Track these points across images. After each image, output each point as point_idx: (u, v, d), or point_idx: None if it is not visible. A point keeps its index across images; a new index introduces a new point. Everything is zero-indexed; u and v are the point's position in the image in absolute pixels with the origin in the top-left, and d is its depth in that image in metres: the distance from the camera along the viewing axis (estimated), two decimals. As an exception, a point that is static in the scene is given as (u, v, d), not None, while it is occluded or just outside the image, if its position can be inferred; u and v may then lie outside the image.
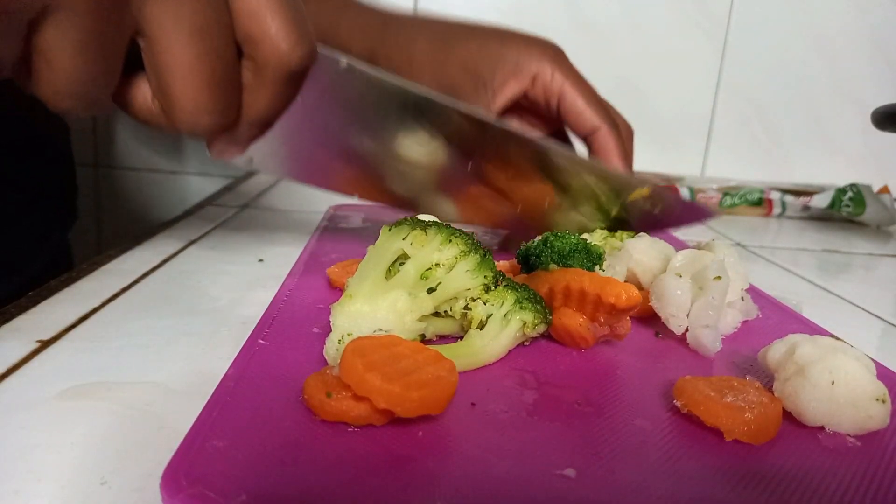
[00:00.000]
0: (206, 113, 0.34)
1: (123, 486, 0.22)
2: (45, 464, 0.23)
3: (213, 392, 0.26)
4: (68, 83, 0.31)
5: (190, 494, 0.19)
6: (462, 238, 0.31)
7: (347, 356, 0.24)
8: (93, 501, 0.21)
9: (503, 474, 0.22)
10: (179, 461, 0.21)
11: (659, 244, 0.41)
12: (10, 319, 0.35)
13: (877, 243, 0.78)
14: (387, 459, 0.22)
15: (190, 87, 0.33)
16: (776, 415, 0.26)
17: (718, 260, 0.35)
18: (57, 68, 0.30)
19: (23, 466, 0.22)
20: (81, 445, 0.24)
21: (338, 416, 0.24)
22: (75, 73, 0.30)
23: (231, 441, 0.22)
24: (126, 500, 0.21)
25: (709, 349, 0.34)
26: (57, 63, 0.30)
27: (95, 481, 0.22)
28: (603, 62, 0.99)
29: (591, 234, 0.46)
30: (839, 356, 0.27)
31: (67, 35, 0.29)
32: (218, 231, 0.58)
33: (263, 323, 0.34)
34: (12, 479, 0.22)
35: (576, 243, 0.36)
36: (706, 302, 0.34)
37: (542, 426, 0.26)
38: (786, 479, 0.23)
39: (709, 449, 0.25)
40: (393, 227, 0.31)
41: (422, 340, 0.32)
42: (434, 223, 0.31)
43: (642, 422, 0.27)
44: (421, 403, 0.24)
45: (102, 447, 0.24)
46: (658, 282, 0.36)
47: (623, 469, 0.23)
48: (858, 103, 1.01)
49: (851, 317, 0.47)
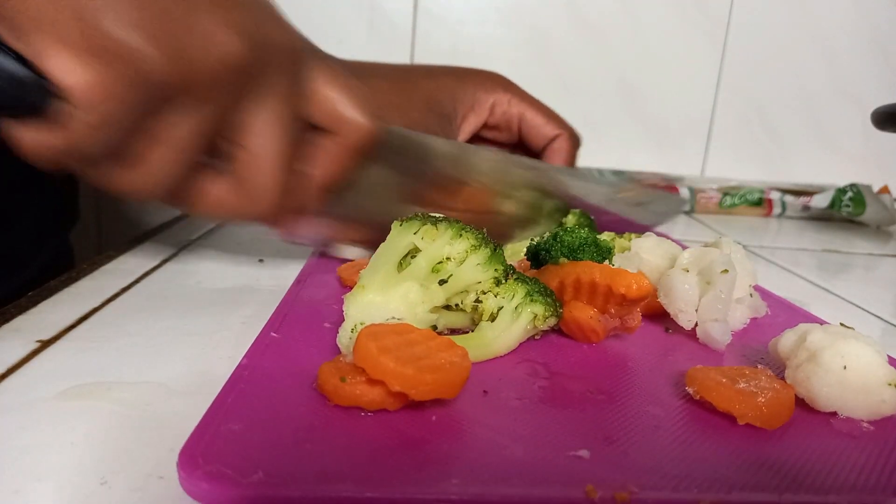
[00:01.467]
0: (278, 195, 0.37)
1: (124, 485, 0.21)
2: (45, 464, 0.22)
3: (225, 382, 0.26)
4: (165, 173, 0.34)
5: (207, 472, 0.20)
6: (473, 233, 0.31)
7: (362, 340, 0.24)
8: (93, 501, 0.21)
9: (517, 455, 0.22)
10: (196, 442, 0.21)
11: (665, 243, 0.41)
12: (10, 319, 0.35)
13: (877, 243, 0.78)
14: (401, 441, 0.23)
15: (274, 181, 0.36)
16: (789, 399, 0.26)
17: (725, 254, 0.35)
18: (161, 158, 0.33)
19: (23, 466, 0.22)
20: (81, 445, 0.24)
21: (351, 400, 0.24)
22: (175, 166, 0.34)
23: (246, 424, 0.23)
24: (126, 500, 0.21)
25: (719, 342, 0.34)
26: (167, 152, 0.33)
27: (95, 481, 0.22)
28: (603, 62, 0.99)
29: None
30: (851, 342, 0.27)
31: (186, 126, 0.33)
32: (218, 231, 0.58)
33: (275, 318, 0.34)
34: (12, 479, 0.22)
35: (585, 237, 0.36)
36: (714, 296, 0.34)
37: (555, 412, 0.26)
38: (798, 463, 0.23)
39: (721, 433, 0.25)
40: (404, 221, 0.31)
41: None
42: (444, 218, 0.31)
43: (655, 408, 0.27)
44: (434, 386, 0.24)
45: (102, 447, 0.24)
46: (665, 278, 0.36)
47: (637, 451, 0.23)
48: (858, 103, 1.01)
49: (851, 316, 0.47)
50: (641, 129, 1.03)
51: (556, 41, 0.54)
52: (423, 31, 0.96)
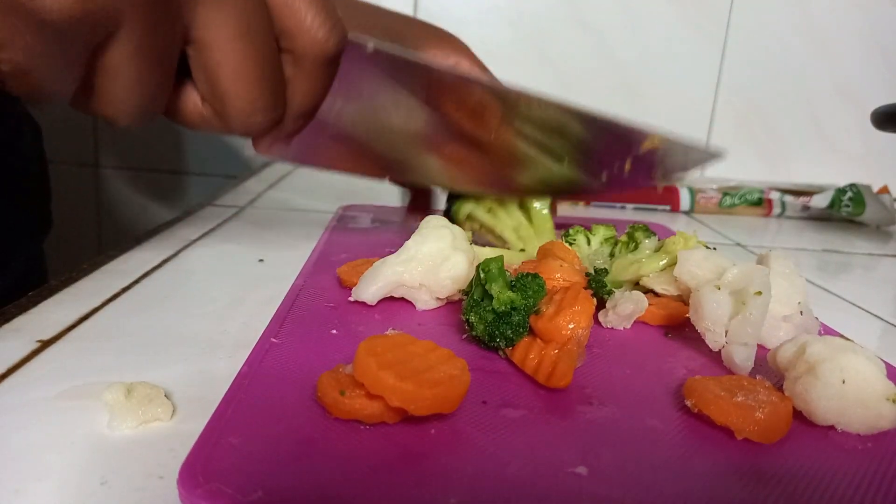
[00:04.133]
0: (258, 110, 0.35)
1: (124, 485, 0.22)
2: (46, 463, 0.23)
3: (226, 391, 0.26)
4: (131, 98, 0.32)
5: (207, 490, 0.20)
6: None
7: (361, 355, 0.24)
8: (93, 501, 0.21)
9: (516, 471, 0.22)
10: (196, 458, 0.21)
11: (714, 256, 0.38)
12: (10, 319, 0.35)
13: (876, 243, 0.78)
14: (400, 456, 0.23)
15: (241, 87, 0.34)
16: (787, 413, 0.26)
17: (763, 272, 0.33)
18: (121, 85, 0.32)
19: (23, 466, 0.22)
20: (82, 445, 0.24)
21: (351, 414, 0.24)
22: (139, 87, 0.32)
23: (246, 438, 0.23)
24: (126, 500, 0.21)
25: (740, 368, 0.32)
26: (121, 80, 0.32)
27: (96, 481, 0.22)
28: (603, 62, 0.99)
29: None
30: (850, 355, 0.27)
31: (130, 51, 0.31)
32: (218, 231, 0.58)
33: (275, 322, 0.34)
34: (13, 479, 0.22)
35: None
36: (743, 317, 0.31)
37: (553, 425, 0.26)
38: (796, 478, 0.23)
39: (719, 448, 0.25)
40: None
41: None
42: None
43: (653, 421, 0.27)
44: (434, 401, 0.24)
45: (103, 447, 0.24)
46: (695, 293, 0.34)
47: (635, 467, 0.23)
48: (858, 104, 1.01)
49: (851, 317, 0.47)
50: (641, 128, 1.03)
51: (557, 41, 0.54)
52: (423, 30, 0.96)
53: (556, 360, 0.29)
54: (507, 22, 0.96)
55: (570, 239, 0.45)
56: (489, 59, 0.65)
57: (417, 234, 0.39)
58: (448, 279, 0.37)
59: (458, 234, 0.39)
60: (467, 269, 0.37)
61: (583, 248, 0.45)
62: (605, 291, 0.38)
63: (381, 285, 0.37)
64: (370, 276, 0.37)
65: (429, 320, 0.37)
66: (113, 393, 0.26)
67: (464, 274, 0.37)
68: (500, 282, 0.32)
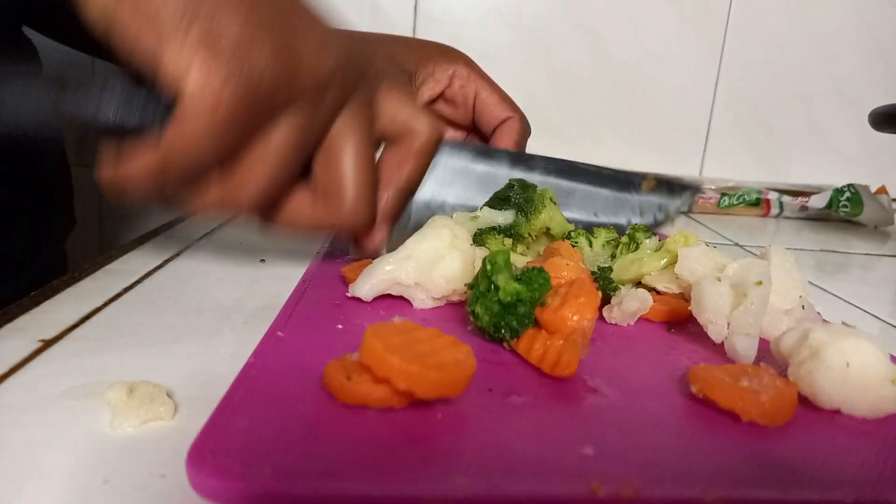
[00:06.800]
0: (371, 196, 0.39)
1: (126, 484, 0.21)
2: (48, 462, 0.23)
3: (232, 380, 0.26)
4: (262, 189, 0.35)
5: (215, 468, 0.20)
6: None
7: (368, 338, 0.25)
8: (95, 500, 0.21)
9: (522, 451, 0.23)
10: (204, 438, 0.21)
11: (714, 253, 0.39)
12: (12, 319, 0.35)
13: (874, 243, 0.79)
14: (407, 438, 0.23)
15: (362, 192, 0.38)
16: (791, 397, 0.26)
17: (763, 264, 0.34)
18: (259, 173, 0.34)
19: (25, 465, 0.22)
20: (84, 444, 0.24)
21: (358, 398, 0.24)
22: (274, 180, 0.35)
23: (254, 421, 0.23)
24: (128, 499, 0.21)
25: (742, 357, 0.32)
26: (262, 168, 0.34)
27: (98, 480, 0.22)
28: (602, 63, 0.99)
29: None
30: (853, 339, 0.27)
31: (289, 139, 0.34)
32: (219, 231, 0.58)
33: (281, 317, 0.34)
34: (15, 478, 0.22)
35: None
36: (745, 308, 0.32)
37: (559, 409, 0.26)
38: (802, 460, 0.23)
39: (725, 430, 0.25)
40: None
41: None
42: None
43: (658, 406, 0.27)
44: (440, 384, 0.24)
45: (105, 446, 0.24)
46: (696, 286, 0.34)
47: (641, 447, 0.23)
48: (856, 104, 1.01)
49: (849, 317, 0.48)
50: (640, 129, 1.03)
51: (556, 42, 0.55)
52: (424, 33, 0.96)
53: (560, 350, 0.29)
54: (506, 23, 0.96)
55: (573, 242, 0.45)
56: (489, 60, 0.65)
57: (418, 233, 0.39)
58: (441, 278, 0.37)
59: (458, 233, 0.39)
60: (461, 268, 0.37)
61: (585, 250, 0.45)
62: (611, 287, 0.39)
63: (376, 282, 0.37)
64: (367, 274, 0.38)
65: (432, 316, 0.37)
66: (115, 392, 0.26)
67: (457, 273, 0.37)
68: (506, 273, 0.32)
